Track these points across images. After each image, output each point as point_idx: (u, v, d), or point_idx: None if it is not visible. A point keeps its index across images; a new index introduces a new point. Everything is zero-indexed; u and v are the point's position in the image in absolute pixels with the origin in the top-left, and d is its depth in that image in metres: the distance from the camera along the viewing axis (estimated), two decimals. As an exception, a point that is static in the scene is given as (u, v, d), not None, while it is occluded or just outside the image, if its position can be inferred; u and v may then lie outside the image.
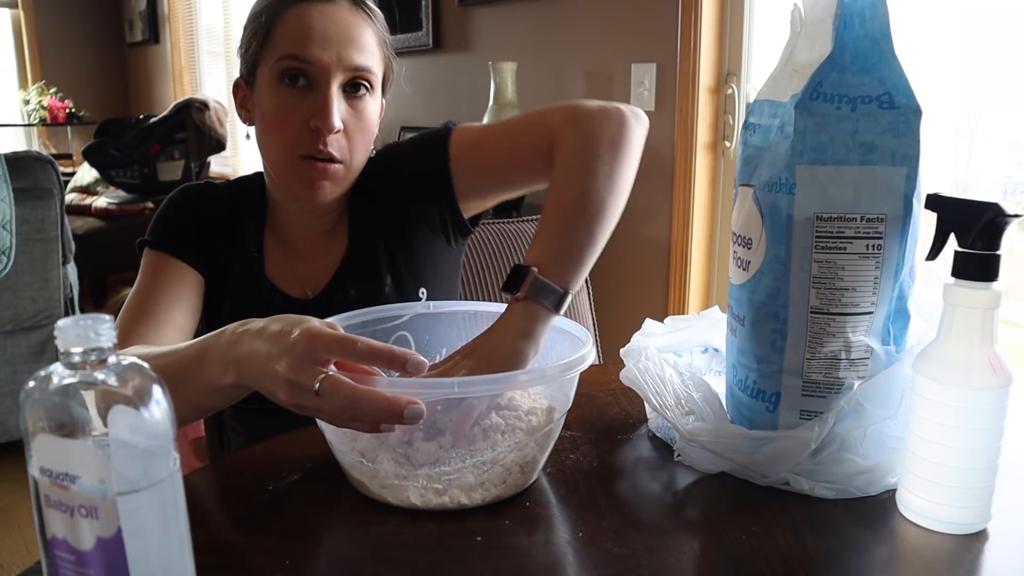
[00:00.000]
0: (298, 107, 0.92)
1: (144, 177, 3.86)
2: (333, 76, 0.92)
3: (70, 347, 0.44)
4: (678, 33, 2.05)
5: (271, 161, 0.99)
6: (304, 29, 0.91)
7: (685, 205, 2.11)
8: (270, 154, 0.98)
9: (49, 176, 2.40)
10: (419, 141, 1.05)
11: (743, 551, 0.62)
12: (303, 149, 0.93)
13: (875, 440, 0.70)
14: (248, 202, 1.05)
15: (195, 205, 1.04)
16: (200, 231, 1.02)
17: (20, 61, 5.75)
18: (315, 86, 0.92)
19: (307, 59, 0.91)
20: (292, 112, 0.93)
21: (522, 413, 0.72)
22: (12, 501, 2.33)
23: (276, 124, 0.94)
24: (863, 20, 0.66)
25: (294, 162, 0.94)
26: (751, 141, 0.75)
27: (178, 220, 1.02)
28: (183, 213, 1.03)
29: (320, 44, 0.91)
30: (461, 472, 0.68)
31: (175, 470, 0.47)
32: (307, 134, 0.93)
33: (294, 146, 0.93)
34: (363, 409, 0.61)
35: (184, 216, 1.02)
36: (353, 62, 0.93)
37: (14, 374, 2.44)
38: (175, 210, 1.03)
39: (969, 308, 0.62)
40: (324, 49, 0.91)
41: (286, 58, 0.92)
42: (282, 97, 0.93)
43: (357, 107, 0.95)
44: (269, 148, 0.97)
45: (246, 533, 0.66)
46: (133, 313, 0.93)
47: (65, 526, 0.44)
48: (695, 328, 0.90)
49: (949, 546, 0.63)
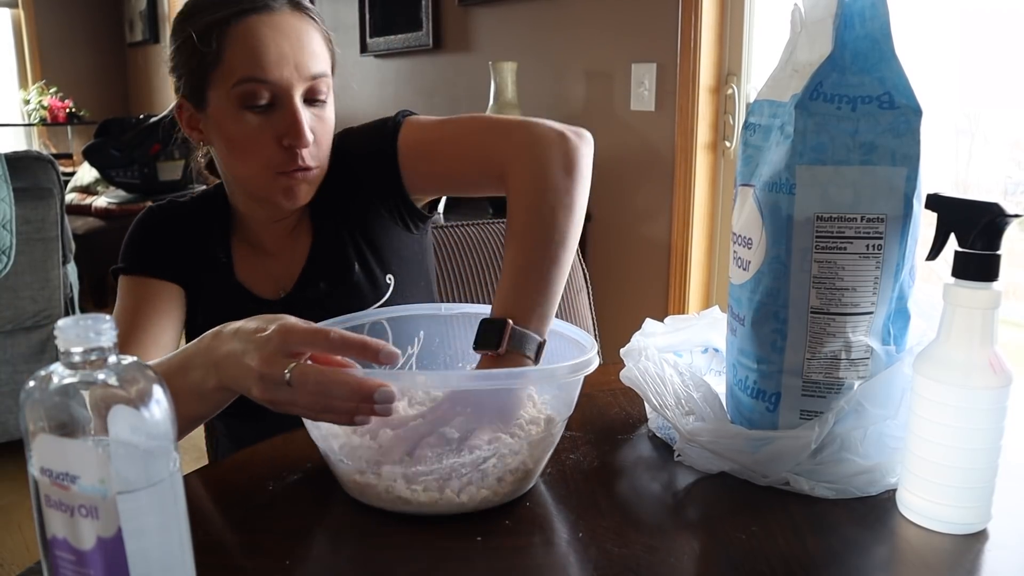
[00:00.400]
0: (265, 128, 0.92)
1: (144, 177, 3.86)
2: (295, 90, 0.91)
3: (70, 347, 0.44)
4: (678, 33, 2.05)
5: (244, 181, 0.98)
6: (257, 48, 0.89)
7: (685, 205, 2.11)
8: (242, 175, 0.97)
9: (49, 176, 2.40)
10: (370, 133, 1.03)
11: (743, 551, 0.62)
12: (280, 167, 0.93)
13: (875, 440, 0.70)
14: (213, 212, 1.05)
15: (161, 223, 1.04)
16: (170, 246, 1.02)
17: (20, 61, 5.75)
18: (278, 104, 0.92)
19: (267, 79, 0.90)
20: (261, 134, 0.92)
21: (523, 423, 0.72)
22: (12, 501, 2.33)
23: (247, 149, 0.94)
24: (863, 20, 0.66)
25: (272, 179, 0.94)
26: (751, 141, 0.75)
27: (148, 240, 1.02)
28: (151, 233, 1.03)
29: (276, 62, 0.90)
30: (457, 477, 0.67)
31: (175, 470, 0.47)
32: (280, 152, 0.92)
33: (269, 166, 0.93)
34: (334, 395, 0.61)
35: (153, 235, 1.03)
36: (310, 71, 0.92)
37: (14, 374, 2.44)
38: (143, 231, 1.04)
39: (969, 308, 0.62)
40: (281, 66, 0.90)
41: (244, 81, 0.90)
42: (246, 122, 0.92)
43: (319, 114, 0.95)
44: (240, 171, 0.97)
45: (246, 533, 0.66)
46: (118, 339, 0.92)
47: (65, 526, 0.44)
48: (695, 328, 0.90)
49: (949, 546, 0.63)
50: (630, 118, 2.26)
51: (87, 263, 3.86)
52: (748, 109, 0.77)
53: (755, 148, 0.74)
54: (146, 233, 1.03)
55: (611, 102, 2.30)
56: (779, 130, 0.70)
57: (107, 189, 4.32)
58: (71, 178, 4.71)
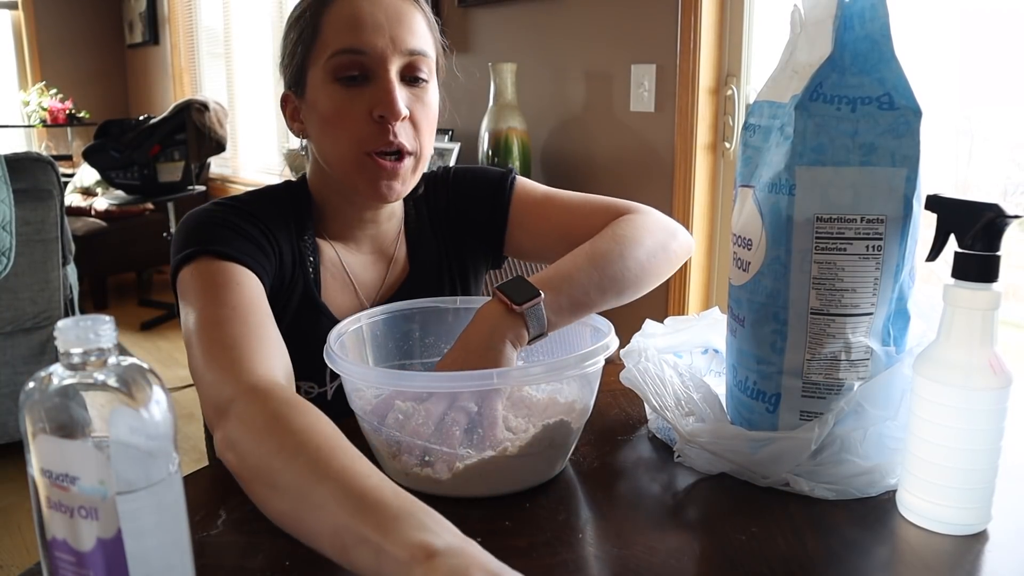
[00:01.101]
0: (358, 101, 0.88)
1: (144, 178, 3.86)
2: (390, 62, 0.88)
3: (70, 348, 0.44)
4: (678, 34, 2.05)
5: (334, 163, 0.92)
6: (353, 19, 0.87)
7: (685, 206, 2.11)
8: (333, 156, 0.91)
9: (49, 177, 2.40)
10: (483, 181, 1.05)
11: (743, 552, 0.62)
12: (371, 145, 0.88)
13: (875, 441, 0.70)
14: (298, 215, 0.96)
15: (251, 215, 0.90)
16: (267, 242, 0.89)
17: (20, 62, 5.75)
18: (373, 77, 0.88)
19: (361, 48, 0.87)
20: (353, 107, 0.88)
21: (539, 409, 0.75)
22: (12, 502, 2.33)
23: (337, 122, 0.89)
24: (863, 21, 0.66)
25: (361, 160, 0.89)
26: (751, 142, 0.75)
27: (239, 227, 0.87)
28: (242, 220, 0.88)
29: (372, 30, 0.87)
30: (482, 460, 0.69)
31: (175, 471, 0.47)
32: (373, 127, 0.88)
33: (360, 142, 0.88)
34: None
35: (245, 224, 0.88)
36: (408, 45, 0.88)
37: (14, 375, 2.44)
38: (230, 216, 0.88)
39: (969, 309, 0.62)
40: (377, 35, 0.87)
41: (339, 53, 0.87)
42: (340, 94, 0.88)
43: (419, 95, 0.91)
44: (331, 150, 0.91)
45: (246, 533, 0.66)
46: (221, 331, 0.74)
47: (65, 527, 0.44)
48: (695, 329, 0.90)
49: (949, 547, 0.63)
50: (630, 119, 2.26)
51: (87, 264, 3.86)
52: (748, 110, 0.77)
53: (755, 149, 0.74)
54: (237, 219, 0.88)
55: (611, 103, 2.30)
56: (779, 131, 0.70)
57: (107, 190, 4.33)
58: (71, 179, 4.71)
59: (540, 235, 1.02)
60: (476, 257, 1.07)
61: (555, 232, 1.00)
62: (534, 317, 0.77)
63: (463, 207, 1.05)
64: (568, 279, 0.82)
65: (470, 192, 1.05)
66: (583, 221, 0.97)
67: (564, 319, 0.80)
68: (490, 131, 2.33)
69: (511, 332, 0.75)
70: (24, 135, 5.78)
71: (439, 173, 1.07)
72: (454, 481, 0.69)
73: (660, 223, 0.95)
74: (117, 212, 4.29)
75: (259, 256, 0.86)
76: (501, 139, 2.32)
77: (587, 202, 1.00)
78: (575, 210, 1.00)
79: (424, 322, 0.89)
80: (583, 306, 0.82)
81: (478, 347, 0.75)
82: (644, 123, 2.22)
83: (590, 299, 0.82)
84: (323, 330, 0.79)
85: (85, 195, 4.63)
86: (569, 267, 0.84)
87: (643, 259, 0.88)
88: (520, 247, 1.04)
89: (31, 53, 5.64)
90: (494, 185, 1.03)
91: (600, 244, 0.88)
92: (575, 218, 0.99)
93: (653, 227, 0.93)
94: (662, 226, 0.95)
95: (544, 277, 0.81)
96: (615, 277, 0.85)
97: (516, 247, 1.04)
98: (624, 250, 0.87)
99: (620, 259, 0.86)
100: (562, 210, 1.01)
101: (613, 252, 0.87)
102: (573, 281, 0.82)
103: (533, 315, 0.77)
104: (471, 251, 1.06)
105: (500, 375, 0.69)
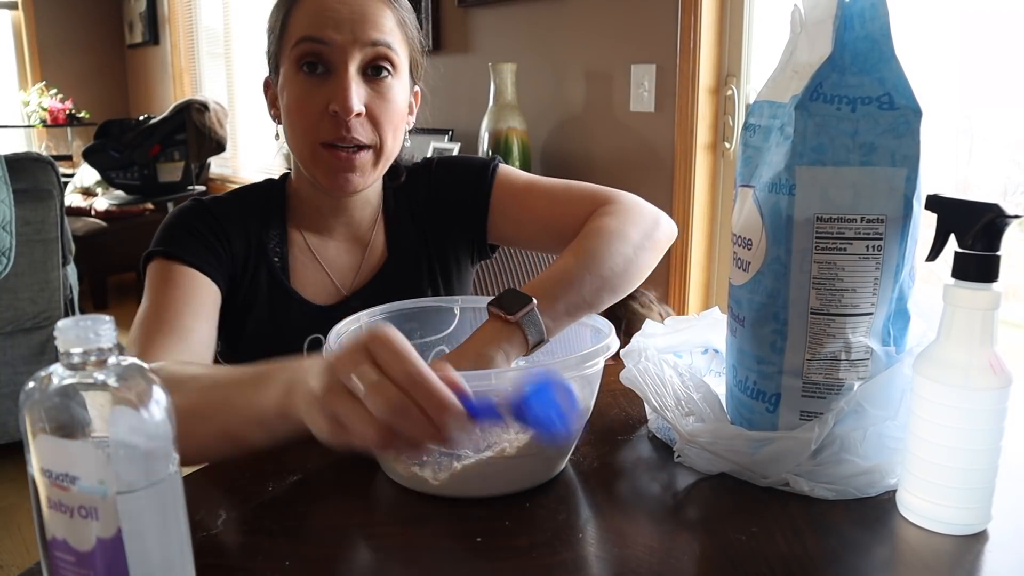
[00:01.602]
0: (317, 93, 0.90)
1: (144, 178, 3.86)
2: (350, 57, 0.90)
3: (70, 348, 0.44)
4: (678, 34, 2.05)
5: (296, 152, 0.96)
6: (318, 11, 0.90)
7: (685, 206, 2.11)
8: (294, 145, 0.95)
9: (49, 177, 2.40)
10: (467, 165, 1.06)
11: (743, 552, 0.62)
12: (325, 136, 0.91)
13: (875, 441, 0.70)
14: (265, 209, 1.02)
15: (210, 215, 0.98)
16: (218, 242, 0.96)
17: (20, 62, 5.75)
18: (333, 71, 0.90)
19: (321, 39, 0.89)
20: (311, 99, 0.91)
21: None
22: (12, 502, 2.33)
23: (297, 113, 0.92)
24: (863, 21, 0.66)
25: (317, 151, 0.92)
26: (751, 142, 0.75)
27: (194, 229, 0.95)
28: (199, 222, 0.96)
29: (334, 24, 0.89)
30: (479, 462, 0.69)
31: (175, 470, 0.47)
32: (328, 120, 0.90)
33: (316, 134, 0.91)
34: (419, 396, 0.52)
35: (200, 226, 0.96)
36: (370, 37, 0.90)
37: (14, 375, 2.44)
38: (190, 218, 0.97)
39: (969, 309, 0.62)
40: (338, 29, 0.89)
41: (302, 41, 0.90)
42: (301, 85, 0.91)
43: (379, 89, 0.92)
44: (293, 139, 0.95)
45: (246, 533, 0.66)
46: (151, 325, 0.85)
47: (65, 527, 0.44)
48: (695, 329, 0.90)
49: (949, 547, 0.63)
50: (630, 119, 2.26)
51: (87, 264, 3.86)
52: (748, 110, 0.77)
53: (755, 149, 0.74)
54: (191, 221, 0.96)
55: (611, 103, 2.30)
56: (779, 131, 0.70)
57: (107, 190, 4.33)
58: (71, 179, 4.71)
59: (522, 222, 1.03)
60: (458, 246, 1.07)
61: (537, 220, 1.01)
62: (531, 324, 0.77)
63: (444, 195, 1.06)
64: (560, 283, 0.82)
65: (451, 179, 1.06)
66: (565, 209, 0.98)
67: (561, 323, 0.81)
68: (490, 131, 2.34)
69: (506, 342, 0.76)
70: (24, 135, 5.78)
71: (421, 163, 1.09)
72: (452, 482, 0.69)
73: (643, 212, 0.96)
74: (117, 212, 4.29)
75: (208, 258, 0.94)
76: (501, 139, 2.32)
77: (569, 189, 1.01)
78: (557, 198, 1.01)
79: (424, 322, 0.89)
80: (578, 308, 0.82)
81: (469, 354, 0.75)
82: (644, 123, 2.23)
83: (584, 300, 0.83)
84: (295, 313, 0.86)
85: (85, 195, 4.63)
86: (559, 271, 0.84)
87: (630, 253, 0.89)
88: (503, 234, 1.05)
89: (31, 53, 5.64)
90: (476, 172, 1.04)
91: (587, 243, 0.88)
92: (557, 206, 1.00)
93: (636, 217, 0.94)
94: (645, 215, 0.96)
95: (536, 284, 0.81)
96: (606, 275, 0.86)
97: (499, 234, 1.05)
98: (611, 246, 0.88)
99: (609, 256, 0.87)
100: (544, 198, 1.02)
101: (601, 250, 0.87)
102: (565, 284, 0.82)
103: (530, 322, 0.77)
104: (453, 240, 1.06)
105: (497, 375, 0.69)
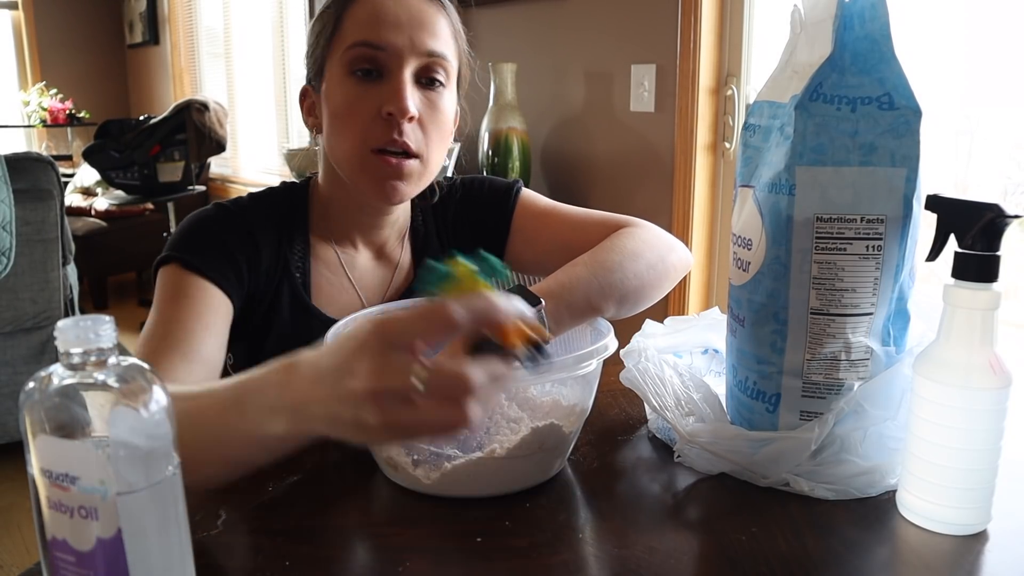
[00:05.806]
0: (369, 97, 0.87)
1: (144, 178, 3.86)
2: (406, 61, 0.87)
3: (70, 348, 0.44)
4: (678, 34, 2.05)
5: (341, 159, 0.91)
6: (375, 14, 0.87)
7: (685, 206, 2.11)
8: (340, 152, 0.91)
9: (49, 177, 2.41)
10: (489, 190, 1.06)
11: (743, 552, 0.62)
12: (376, 142, 0.87)
13: (875, 441, 0.70)
14: (289, 219, 0.96)
15: (238, 225, 0.92)
16: (243, 254, 0.90)
17: (20, 62, 5.75)
18: (387, 74, 0.88)
19: (378, 44, 0.86)
20: (363, 103, 0.87)
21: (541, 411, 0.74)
22: (12, 502, 2.33)
23: (347, 117, 0.89)
24: (863, 21, 0.66)
25: (366, 158, 0.88)
26: (751, 142, 0.75)
27: (217, 239, 0.89)
28: (225, 232, 0.90)
29: (392, 28, 0.87)
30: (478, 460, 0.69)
31: (175, 471, 0.47)
32: (380, 124, 0.87)
33: (367, 139, 0.88)
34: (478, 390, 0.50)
35: (225, 235, 0.90)
36: (427, 46, 0.88)
37: (14, 375, 2.44)
38: (214, 226, 0.91)
39: (969, 309, 0.62)
40: (396, 33, 0.87)
41: (356, 46, 0.87)
42: (352, 88, 0.88)
43: (431, 98, 0.90)
44: (339, 145, 0.91)
45: (246, 533, 0.66)
46: (158, 342, 0.81)
47: (65, 527, 0.44)
48: (695, 329, 0.90)
49: (949, 547, 0.63)
50: (630, 119, 2.26)
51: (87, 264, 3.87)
52: (748, 110, 0.77)
53: (755, 149, 0.74)
54: (211, 228, 0.90)
55: (611, 103, 2.30)
56: (779, 131, 0.70)
57: (107, 190, 4.33)
58: (71, 179, 4.71)
59: (540, 245, 1.03)
60: None
61: (555, 243, 1.01)
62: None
63: (468, 214, 1.06)
64: (567, 287, 0.82)
65: (476, 198, 1.06)
66: (583, 234, 0.97)
67: (564, 326, 0.80)
68: (490, 131, 2.33)
69: None
70: (24, 135, 5.78)
71: (448, 185, 1.08)
72: (442, 481, 0.69)
73: (659, 237, 0.96)
74: (117, 212, 4.30)
75: (228, 272, 0.88)
76: (501, 139, 2.32)
77: (589, 215, 1.02)
78: (576, 223, 1.01)
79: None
80: (582, 313, 0.82)
81: None
82: (644, 123, 2.22)
83: (589, 306, 0.82)
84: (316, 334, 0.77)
85: (85, 195, 4.64)
86: (568, 276, 0.84)
87: (642, 270, 0.89)
88: (520, 257, 1.05)
89: (31, 53, 5.64)
90: (499, 193, 1.05)
91: (599, 254, 0.88)
92: (575, 231, 1.00)
93: (652, 241, 0.94)
94: (661, 240, 0.96)
95: (543, 286, 0.81)
96: (614, 285, 0.85)
97: (516, 257, 1.05)
98: (623, 261, 0.88)
99: (619, 268, 0.86)
100: (563, 222, 1.02)
101: (612, 261, 0.87)
102: (572, 289, 0.82)
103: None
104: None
105: None
